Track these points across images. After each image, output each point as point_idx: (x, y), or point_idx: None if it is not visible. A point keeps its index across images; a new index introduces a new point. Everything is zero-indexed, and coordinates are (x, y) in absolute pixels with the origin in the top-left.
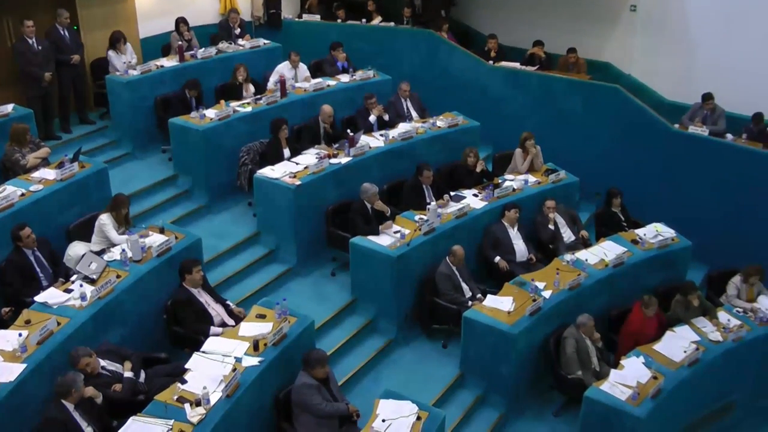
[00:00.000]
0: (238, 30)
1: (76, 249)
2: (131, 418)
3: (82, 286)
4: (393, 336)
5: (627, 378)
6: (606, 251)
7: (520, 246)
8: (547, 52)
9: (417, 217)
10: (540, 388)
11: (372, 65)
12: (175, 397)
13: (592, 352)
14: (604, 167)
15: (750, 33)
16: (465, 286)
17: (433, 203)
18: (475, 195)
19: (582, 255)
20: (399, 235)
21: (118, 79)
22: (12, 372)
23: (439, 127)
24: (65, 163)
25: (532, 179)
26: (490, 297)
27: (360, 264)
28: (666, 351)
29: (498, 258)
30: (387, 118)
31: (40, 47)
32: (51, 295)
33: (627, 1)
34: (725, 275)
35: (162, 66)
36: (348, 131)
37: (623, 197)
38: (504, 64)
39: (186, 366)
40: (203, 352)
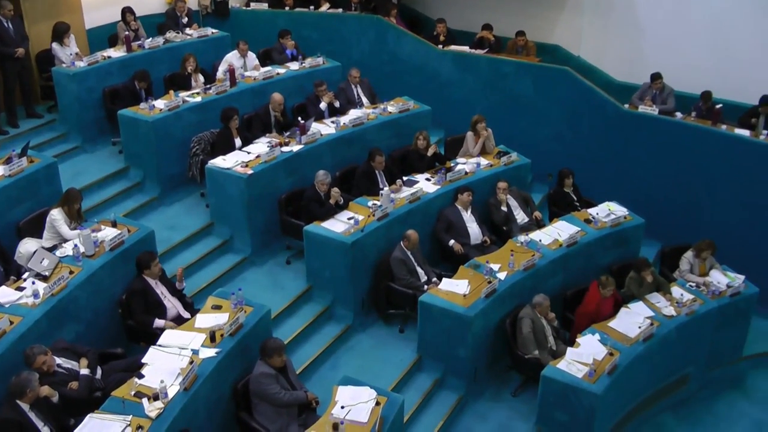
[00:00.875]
0: (185, 19)
1: (27, 246)
2: (89, 415)
3: (34, 283)
4: (350, 322)
5: (583, 355)
6: (559, 231)
7: (473, 229)
8: (496, 35)
9: (370, 203)
10: (497, 369)
11: (321, 52)
12: (133, 393)
13: (548, 331)
14: (555, 148)
15: (697, 12)
16: (420, 270)
17: (386, 188)
18: (428, 179)
19: (536, 236)
20: (353, 222)
21: (64, 72)
22: None
23: (390, 113)
24: (13, 159)
25: (484, 162)
26: (445, 280)
27: (314, 251)
28: (621, 327)
29: (452, 241)
30: (338, 104)
31: None
32: (2, 294)
33: None
34: (678, 251)
35: (109, 57)
36: (299, 119)
37: (575, 177)
38: (453, 48)
39: (143, 360)
40: (160, 345)
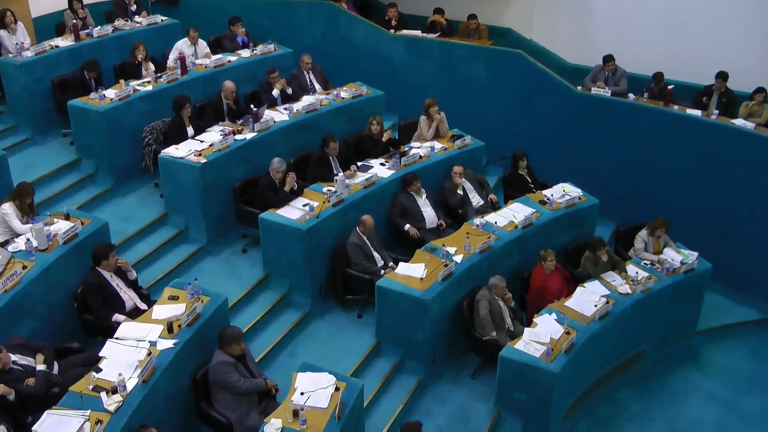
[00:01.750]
0: (134, 7)
1: None
2: (46, 412)
3: None
4: (307, 309)
5: (540, 335)
6: (515, 213)
7: (429, 213)
8: (448, 19)
9: (325, 189)
10: (456, 351)
11: (273, 39)
12: (91, 387)
13: (505, 312)
14: (509, 131)
15: None
16: (376, 255)
17: (341, 174)
18: (382, 164)
19: (491, 218)
20: (308, 208)
21: (11, 62)
22: None
23: (343, 98)
24: None
25: (438, 146)
26: (402, 264)
27: (270, 239)
28: (577, 306)
29: (408, 226)
30: (290, 91)
31: None
32: None
33: None
34: (632, 230)
35: (57, 46)
36: (251, 106)
37: (529, 159)
38: (405, 32)
39: (100, 354)
40: (117, 338)
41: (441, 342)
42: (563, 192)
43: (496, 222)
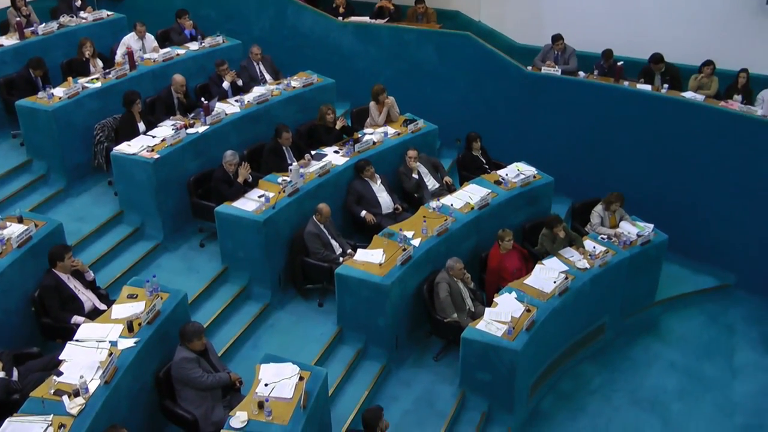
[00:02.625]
0: (79, 2)
1: None
2: (7, 420)
3: None
4: (268, 300)
5: (501, 314)
6: (470, 194)
7: (384, 198)
8: (396, 3)
9: (280, 180)
10: (418, 335)
11: (221, 31)
12: (52, 391)
13: (465, 293)
14: (461, 113)
15: None
16: (334, 242)
17: (295, 164)
18: (336, 152)
19: (447, 200)
20: (263, 199)
21: None
22: None
23: (294, 88)
24: None
25: (391, 131)
26: (360, 251)
27: (227, 232)
28: (536, 284)
29: (364, 212)
30: (241, 83)
31: None
32: None
33: None
34: (588, 205)
35: (1, 45)
36: (202, 99)
37: (483, 140)
38: (353, 19)
39: (60, 357)
40: (77, 340)
41: (403, 326)
42: (518, 171)
43: (452, 204)
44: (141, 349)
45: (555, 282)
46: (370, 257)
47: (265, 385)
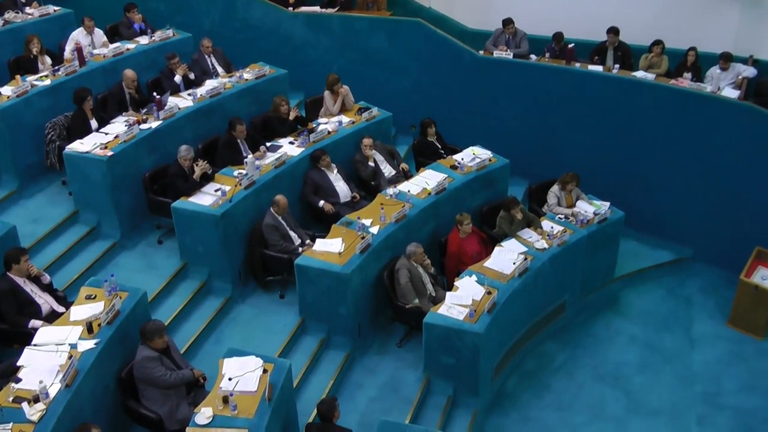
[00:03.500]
0: None
1: None
2: None
3: None
4: (229, 294)
5: (462, 298)
6: (427, 180)
7: (341, 187)
8: None
9: (236, 173)
10: (381, 322)
11: (170, 24)
12: (11, 399)
13: (425, 278)
14: (415, 99)
15: None
16: (293, 233)
17: (250, 156)
18: (291, 142)
19: (404, 187)
20: (220, 193)
21: None
22: None
23: (247, 80)
24: None
25: (345, 119)
26: (319, 241)
27: (185, 228)
28: (496, 266)
29: (322, 202)
30: (193, 76)
31: None
32: None
33: None
34: (544, 186)
35: None
36: (154, 94)
37: (437, 126)
38: (304, 9)
39: (18, 363)
40: (35, 345)
41: (365, 314)
42: (473, 155)
43: (409, 190)
44: (102, 350)
45: (514, 263)
46: (329, 247)
47: (229, 380)
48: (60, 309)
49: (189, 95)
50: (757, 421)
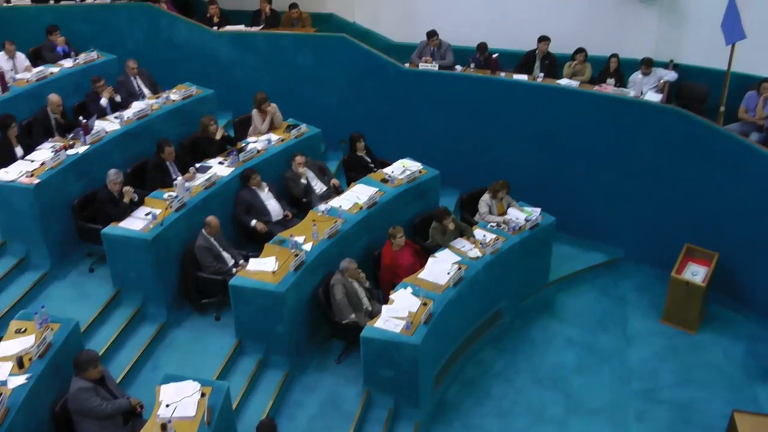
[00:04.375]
0: None
1: None
2: None
3: None
4: (164, 319)
5: (398, 311)
6: (358, 195)
7: (273, 205)
8: (272, 9)
9: (166, 195)
10: (318, 339)
11: (94, 46)
12: None
13: (361, 293)
14: (343, 115)
15: None
16: (226, 254)
17: (180, 178)
18: (221, 163)
19: (336, 202)
20: (151, 217)
21: None
22: None
23: (174, 101)
24: None
25: (274, 137)
26: (252, 260)
27: (116, 254)
28: (430, 277)
29: (254, 221)
30: (119, 99)
31: None
32: None
33: None
34: (475, 195)
35: None
36: (80, 118)
37: (366, 140)
38: (229, 28)
39: None
40: None
41: (302, 332)
42: (403, 168)
43: (340, 206)
44: (34, 385)
45: (449, 273)
46: (262, 266)
47: (167, 406)
48: None
49: (116, 118)
50: (694, 413)
